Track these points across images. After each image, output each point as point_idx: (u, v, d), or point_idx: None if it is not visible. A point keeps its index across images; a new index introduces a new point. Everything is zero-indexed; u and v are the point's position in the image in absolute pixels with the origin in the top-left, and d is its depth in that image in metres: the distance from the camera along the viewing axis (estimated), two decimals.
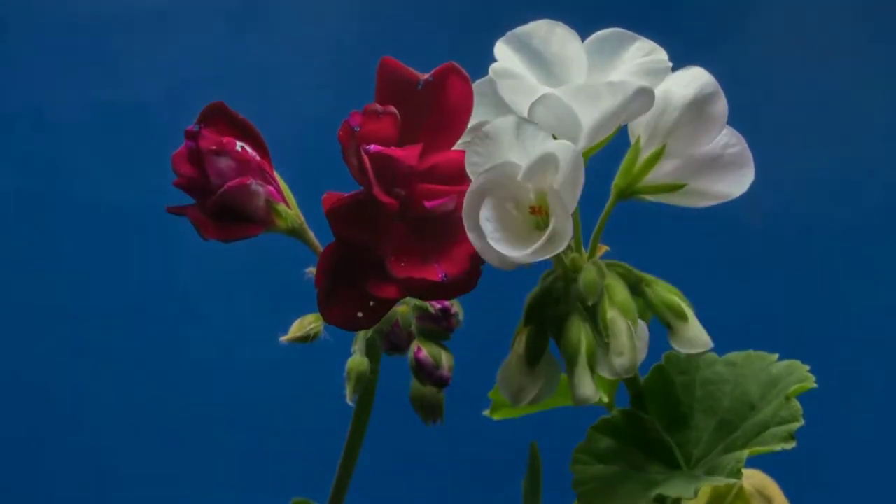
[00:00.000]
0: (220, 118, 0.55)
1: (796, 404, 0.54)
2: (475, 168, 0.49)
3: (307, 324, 0.56)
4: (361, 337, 0.58)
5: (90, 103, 1.32)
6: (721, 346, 0.58)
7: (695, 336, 0.53)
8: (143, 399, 1.29)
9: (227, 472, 1.29)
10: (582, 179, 0.48)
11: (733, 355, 0.59)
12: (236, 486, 1.28)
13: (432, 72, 0.52)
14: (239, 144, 0.55)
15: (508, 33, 0.53)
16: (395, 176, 0.51)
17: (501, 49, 0.52)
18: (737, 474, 0.52)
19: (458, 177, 0.51)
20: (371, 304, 0.51)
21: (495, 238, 0.48)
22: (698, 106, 0.52)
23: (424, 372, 0.57)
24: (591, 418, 0.62)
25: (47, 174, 1.33)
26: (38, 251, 1.32)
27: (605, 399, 0.67)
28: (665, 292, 0.54)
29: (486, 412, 0.69)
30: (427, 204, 0.50)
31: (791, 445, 0.53)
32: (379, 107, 0.51)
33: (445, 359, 0.57)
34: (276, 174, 0.56)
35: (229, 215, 0.54)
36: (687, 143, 0.52)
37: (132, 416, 1.29)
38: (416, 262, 0.50)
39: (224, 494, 1.28)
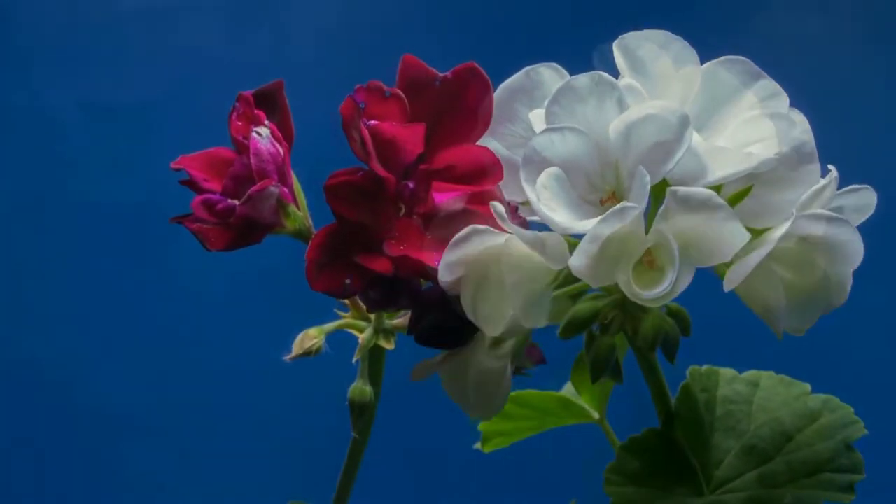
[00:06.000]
0: (269, 101, 0.55)
1: (859, 457, 0.53)
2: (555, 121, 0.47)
3: (309, 339, 0.56)
4: (364, 356, 0.57)
5: (90, 103, 1.32)
6: (721, 346, 0.58)
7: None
8: (143, 400, 1.29)
9: (227, 473, 1.29)
10: (680, 151, 0.45)
11: (754, 374, 0.57)
12: (236, 488, 1.28)
13: (451, 70, 0.52)
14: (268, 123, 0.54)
15: (622, 35, 0.49)
16: (404, 166, 0.50)
17: (614, 50, 0.49)
18: None
19: (474, 176, 0.50)
20: (360, 271, 0.50)
21: (546, 201, 0.46)
22: (797, 159, 0.49)
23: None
24: (579, 440, 0.61)
25: (47, 174, 1.32)
26: (38, 251, 1.32)
27: (596, 416, 0.66)
28: None
29: (477, 445, 0.68)
30: (437, 198, 0.50)
31: (851, 498, 0.52)
32: (383, 85, 0.50)
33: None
34: (291, 172, 0.55)
35: (243, 222, 0.53)
36: (771, 191, 0.49)
37: (132, 417, 1.28)
38: (416, 247, 0.49)
39: (224, 496, 1.28)
